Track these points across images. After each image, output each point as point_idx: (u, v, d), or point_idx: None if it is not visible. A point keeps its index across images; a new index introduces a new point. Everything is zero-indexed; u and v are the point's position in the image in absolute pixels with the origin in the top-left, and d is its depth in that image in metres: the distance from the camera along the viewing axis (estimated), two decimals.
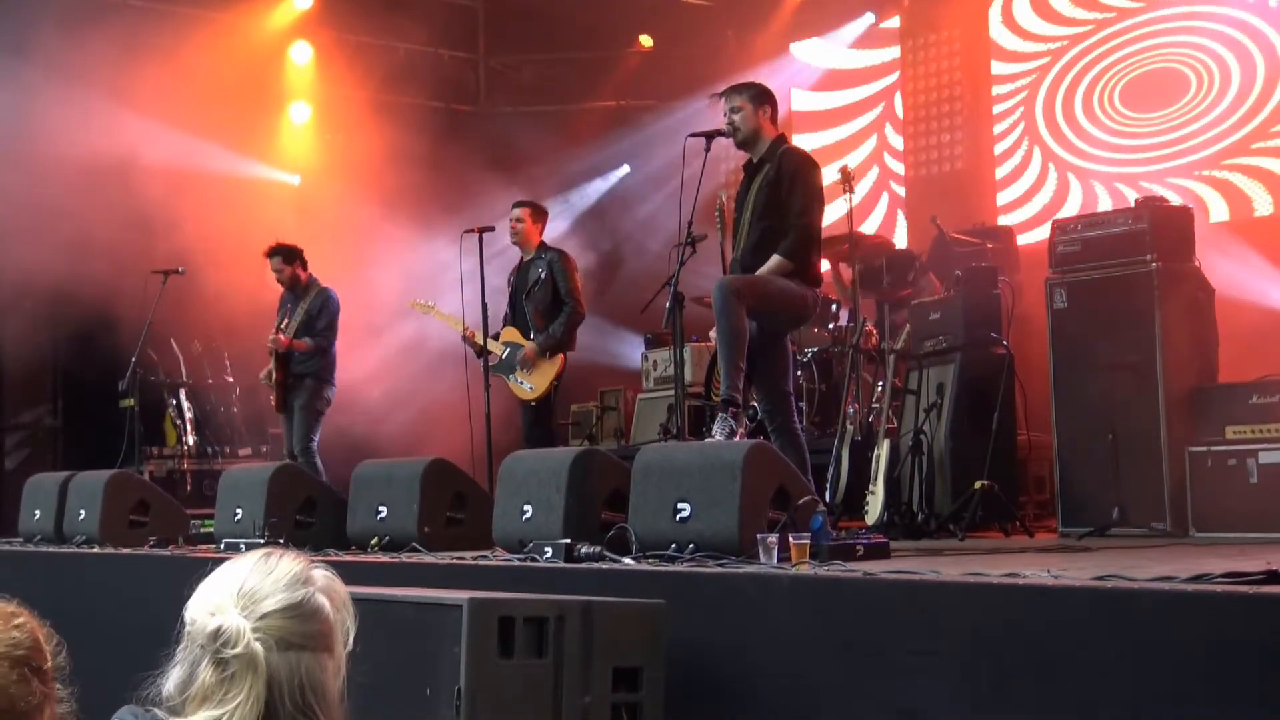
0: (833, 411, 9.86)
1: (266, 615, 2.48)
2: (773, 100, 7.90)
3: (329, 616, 2.56)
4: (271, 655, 2.46)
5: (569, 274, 10.24)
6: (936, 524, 8.12)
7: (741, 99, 7.78)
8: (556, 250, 10.48)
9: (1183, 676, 3.77)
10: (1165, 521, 7.22)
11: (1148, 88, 11.80)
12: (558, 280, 10.19)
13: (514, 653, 4.69)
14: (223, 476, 9.54)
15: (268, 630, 2.47)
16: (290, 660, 2.47)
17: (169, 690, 2.49)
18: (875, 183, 13.88)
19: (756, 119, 7.76)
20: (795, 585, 5.06)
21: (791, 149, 7.85)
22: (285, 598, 2.50)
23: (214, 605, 2.50)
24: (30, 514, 10.41)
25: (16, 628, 2.46)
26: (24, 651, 2.43)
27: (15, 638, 2.44)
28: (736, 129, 7.75)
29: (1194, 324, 7.55)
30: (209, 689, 2.45)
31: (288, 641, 2.48)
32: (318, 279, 11.25)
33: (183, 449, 13.49)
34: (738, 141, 7.85)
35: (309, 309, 11.10)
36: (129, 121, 12.69)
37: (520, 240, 10.36)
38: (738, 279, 7.50)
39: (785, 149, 7.78)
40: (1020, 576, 4.48)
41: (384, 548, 7.82)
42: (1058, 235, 7.92)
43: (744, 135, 7.76)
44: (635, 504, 6.22)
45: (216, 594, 2.52)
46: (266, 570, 2.54)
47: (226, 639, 2.45)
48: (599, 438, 13.16)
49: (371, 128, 14.14)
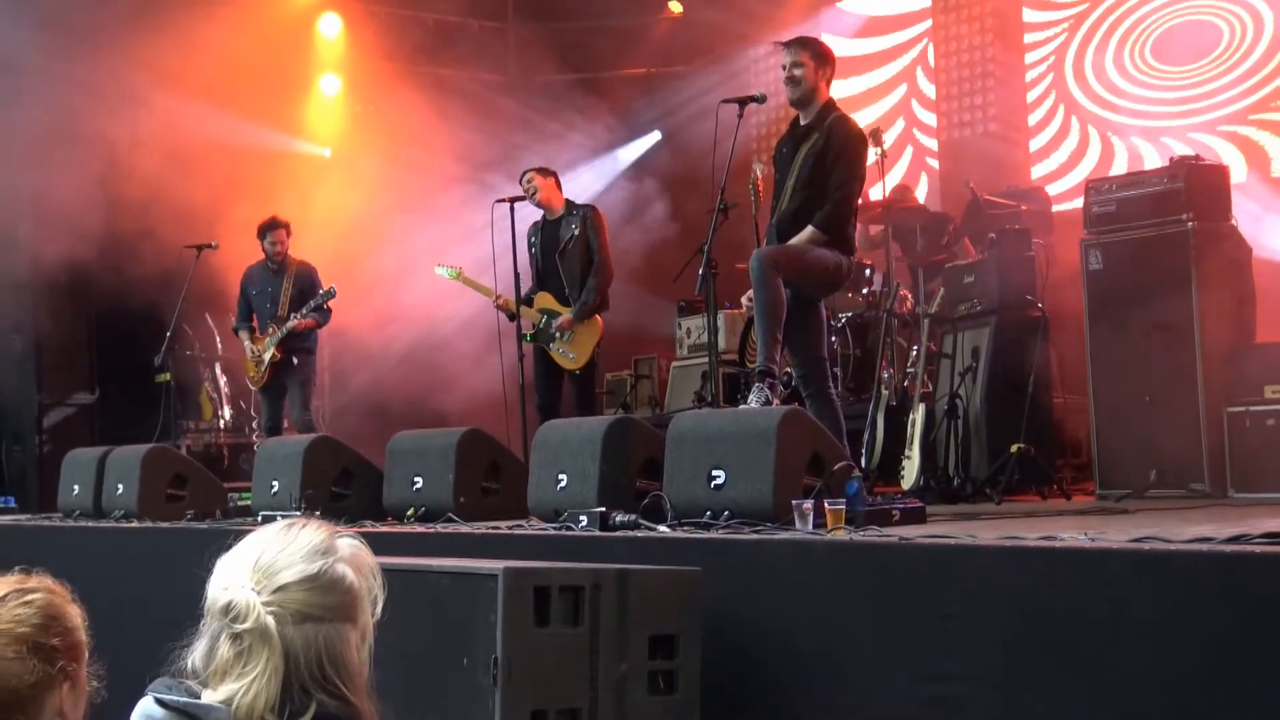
0: (867, 377, 9.83)
1: (282, 588, 2.47)
2: (833, 64, 7.79)
3: (351, 586, 2.54)
4: (286, 628, 2.46)
5: (600, 231, 10.18)
6: (972, 488, 8.11)
7: (806, 54, 7.65)
8: (587, 206, 10.46)
9: (1222, 638, 3.75)
10: (1204, 482, 7.19)
11: (1179, 40, 11.66)
12: (590, 236, 10.12)
13: (550, 621, 4.70)
14: (259, 449, 9.57)
15: (283, 603, 2.47)
16: (307, 632, 2.47)
17: (195, 664, 2.50)
18: (900, 135, 13.78)
19: (816, 78, 7.65)
20: (831, 551, 5.06)
21: (841, 119, 7.71)
22: (302, 569, 2.50)
23: (229, 580, 2.50)
24: (69, 489, 10.46)
25: (25, 604, 2.44)
26: (28, 629, 2.41)
27: (20, 614, 2.42)
28: (796, 83, 7.61)
29: (1231, 284, 7.50)
30: (227, 663, 2.45)
31: (304, 614, 2.47)
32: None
33: (219, 423, 13.55)
34: (792, 99, 7.73)
35: (299, 284, 11.24)
36: (161, 98, 12.71)
37: (543, 202, 10.28)
38: (775, 250, 7.47)
39: (834, 119, 7.66)
40: (1057, 539, 4.46)
41: (420, 518, 7.83)
42: (1092, 196, 7.87)
43: (801, 93, 7.65)
44: (670, 472, 6.21)
45: (234, 568, 2.51)
46: (286, 542, 2.53)
47: (236, 613, 2.45)
48: (633, 406, 13.16)
49: (402, 99, 14.12)
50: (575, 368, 10.05)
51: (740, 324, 10.43)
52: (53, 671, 2.42)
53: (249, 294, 11.48)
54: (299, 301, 11.15)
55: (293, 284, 11.24)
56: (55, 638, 2.44)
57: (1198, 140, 11.08)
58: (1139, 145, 11.63)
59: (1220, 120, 11.25)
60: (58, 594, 2.51)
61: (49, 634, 2.44)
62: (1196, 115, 11.44)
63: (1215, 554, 3.92)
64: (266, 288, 11.35)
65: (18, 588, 2.47)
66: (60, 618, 2.48)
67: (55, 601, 2.49)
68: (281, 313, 11.16)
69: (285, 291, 11.21)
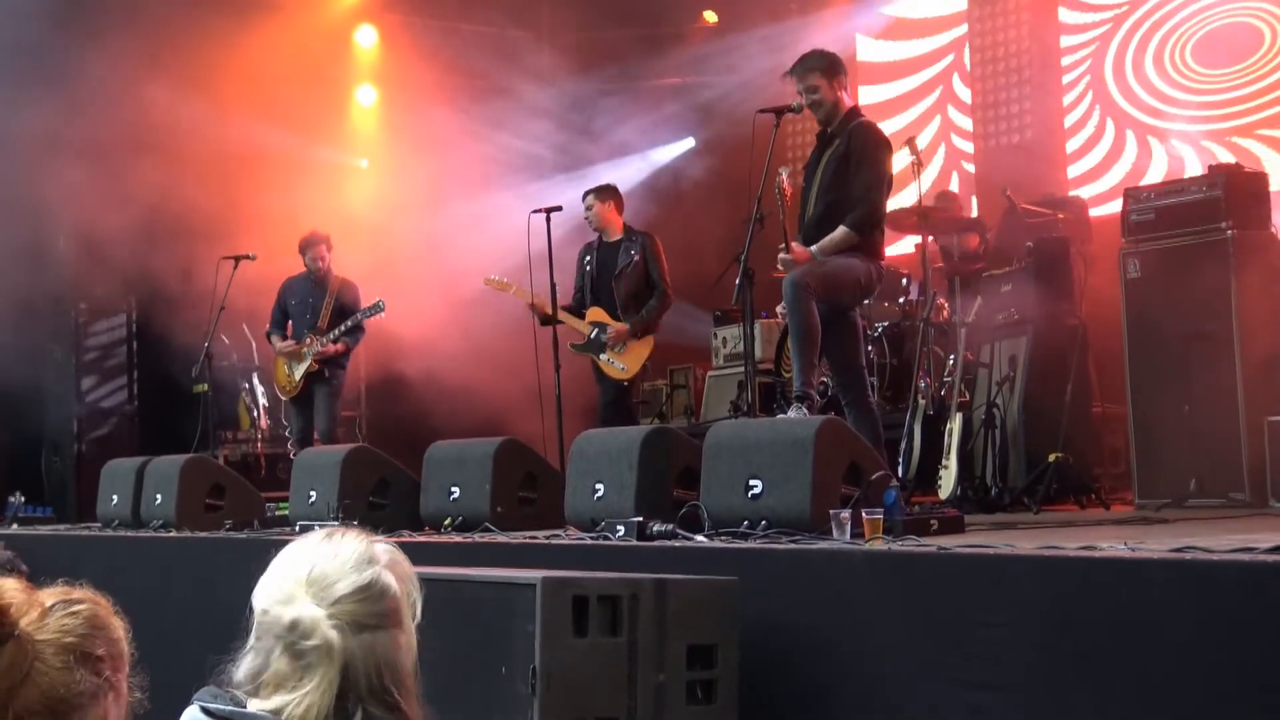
0: (904, 386, 9.79)
1: (339, 600, 2.49)
2: (843, 68, 7.89)
3: (396, 593, 2.56)
4: (347, 640, 2.47)
5: (659, 258, 10.37)
6: (1010, 498, 8.07)
7: (815, 76, 7.74)
8: (645, 233, 10.58)
9: (1265, 648, 3.72)
10: (1244, 492, 7.14)
11: (1220, 43, 11.57)
12: (649, 264, 10.31)
13: (588, 631, 4.70)
14: (296, 459, 9.61)
15: (341, 615, 2.48)
16: (365, 642, 2.48)
17: (240, 677, 2.50)
18: (934, 139, 13.71)
19: (834, 91, 7.74)
20: (869, 561, 5.04)
21: (863, 125, 7.78)
22: (355, 579, 2.51)
23: (285, 594, 2.50)
24: (108, 499, 10.51)
25: (71, 614, 2.45)
26: (74, 639, 2.42)
27: (66, 624, 2.43)
28: (819, 106, 7.75)
29: (1271, 292, 7.44)
30: (283, 676, 2.45)
31: (360, 624, 2.49)
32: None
33: (256, 433, 13.59)
34: (820, 120, 7.87)
35: (340, 301, 11.32)
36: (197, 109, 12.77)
37: (601, 226, 10.46)
38: (805, 273, 7.49)
39: (856, 124, 7.73)
40: (1097, 549, 4.45)
41: (457, 528, 7.84)
42: (1131, 204, 7.84)
43: (825, 112, 7.81)
44: (707, 481, 6.21)
45: (286, 582, 2.52)
46: (332, 553, 2.54)
47: (303, 630, 2.46)
48: (669, 416, 13.15)
49: (438, 108, 14.15)
50: (625, 378, 10.21)
51: (776, 333, 10.42)
52: (99, 681, 2.44)
53: (287, 304, 11.52)
54: (339, 318, 11.20)
55: (334, 300, 11.28)
56: (100, 648, 2.46)
57: (1239, 145, 11.01)
58: (1178, 149, 11.53)
59: (1259, 124, 11.15)
60: (102, 605, 2.53)
61: (95, 644, 2.45)
62: (1238, 119, 11.34)
63: (1257, 564, 3.90)
64: (307, 298, 11.39)
65: (63, 598, 2.48)
66: (105, 628, 2.49)
67: (100, 612, 2.50)
68: (321, 324, 11.21)
69: (327, 306, 11.26)
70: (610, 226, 10.47)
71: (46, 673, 2.39)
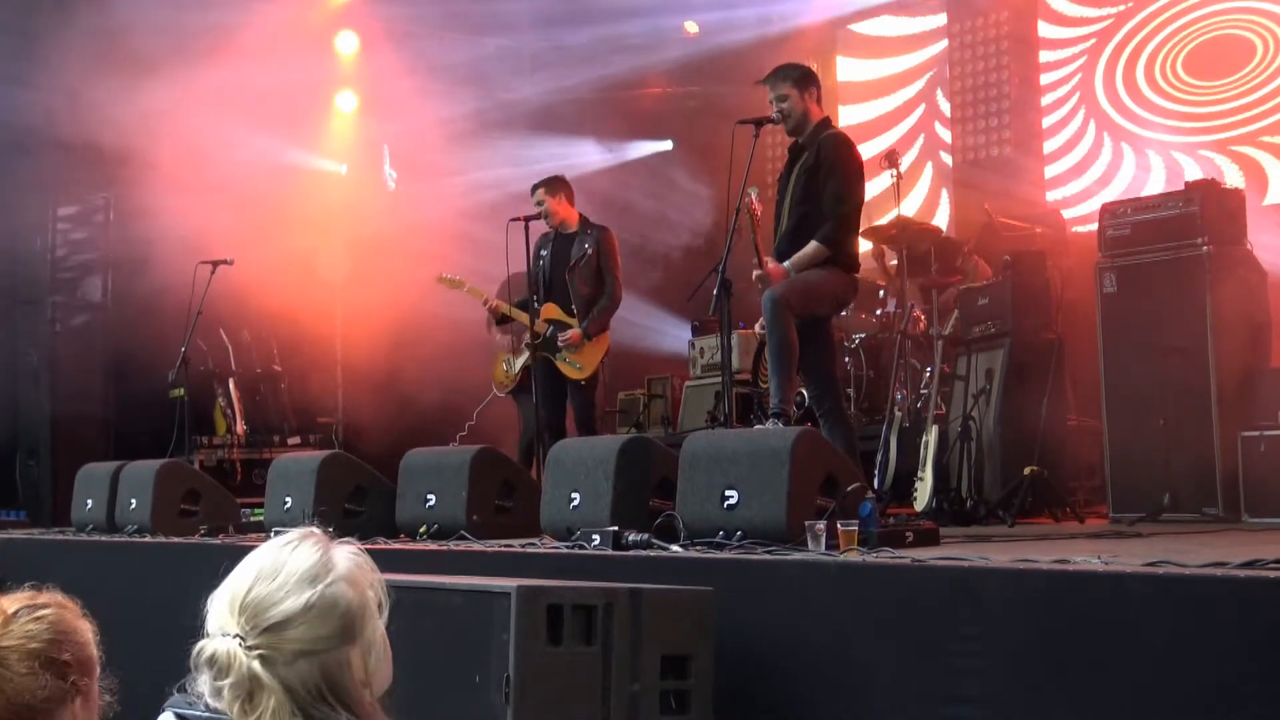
0: (881, 398, 9.82)
1: (272, 628, 2.37)
2: (816, 80, 7.96)
3: (349, 606, 2.43)
4: (277, 670, 2.36)
5: (612, 254, 10.17)
6: (986, 510, 8.09)
7: (786, 86, 7.80)
8: (600, 227, 10.35)
9: (1236, 662, 3.74)
10: (1218, 507, 7.17)
11: (1211, 55, 11.58)
12: (601, 259, 10.11)
13: (563, 640, 4.69)
14: (272, 465, 9.57)
15: (274, 645, 2.37)
16: (301, 669, 2.37)
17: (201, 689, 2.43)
18: (919, 155, 13.71)
19: (804, 103, 7.79)
20: (844, 572, 5.05)
21: (832, 136, 7.85)
22: (293, 604, 2.38)
23: (215, 622, 2.41)
24: (82, 503, 10.47)
25: (36, 620, 2.44)
26: (39, 645, 2.41)
27: (31, 630, 2.42)
28: (786, 117, 7.78)
29: (1246, 308, 7.49)
30: (231, 706, 2.36)
31: (298, 651, 2.37)
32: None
33: (232, 438, 13.54)
34: (789, 130, 7.91)
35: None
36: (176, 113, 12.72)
37: (556, 221, 10.27)
38: (785, 289, 7.51)
39: (825, 136, 7.79)
40: (1071, 562, 4.46)
41: (432, 536, 7.83)
42: (1107, 219, 7.87)
43: (794, 123, 7.83)
44: (683, 491, 6.21)
45: (221, 607, 2.42)
46: (275, 570, 2.42)
47: (219, 667, 2.37)
48: (646, 425, 13.14)
49: (418, 115, 14.13)
50: (581, 378, 10.03)
51: (754, 344, 10.44)
52: (65, 686, 2.43)
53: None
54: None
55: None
56: (66, 653, 2.44)
57: (1239, 152, 11.01)
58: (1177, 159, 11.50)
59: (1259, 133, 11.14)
60: (68, 609, 2.51)
61: (60, 649, 2.44)
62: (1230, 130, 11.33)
63: (1229, 578, 3.91)
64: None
65: (28, 604, 2.47)
66: (71, 633, 2.48)
67: (66, 617, 2.49)
68: None
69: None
70: (566, 219, 10.28)
71: (11, 679, 2.38)
